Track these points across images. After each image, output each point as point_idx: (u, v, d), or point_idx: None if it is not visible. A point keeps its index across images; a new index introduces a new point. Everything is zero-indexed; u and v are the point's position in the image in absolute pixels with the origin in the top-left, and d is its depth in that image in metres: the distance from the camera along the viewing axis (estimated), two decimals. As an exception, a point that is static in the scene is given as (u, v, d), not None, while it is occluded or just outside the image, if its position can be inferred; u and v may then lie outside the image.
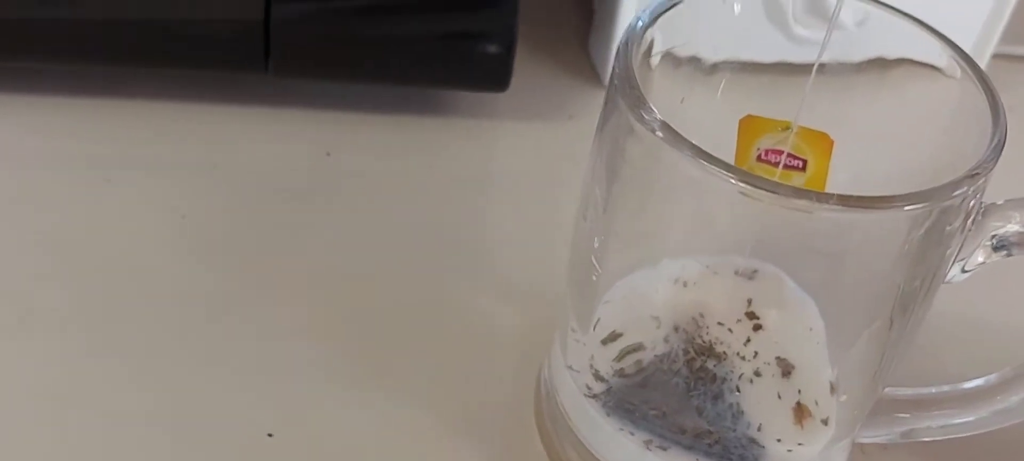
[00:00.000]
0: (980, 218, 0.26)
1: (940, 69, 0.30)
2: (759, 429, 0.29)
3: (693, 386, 0.29)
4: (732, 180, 0.24)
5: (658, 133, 0.24)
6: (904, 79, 0.30)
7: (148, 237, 0.37)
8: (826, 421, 0.29)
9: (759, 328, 0.30)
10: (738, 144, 0.30)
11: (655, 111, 0.24)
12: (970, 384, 0.30)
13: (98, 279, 0.35)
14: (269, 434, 0.31)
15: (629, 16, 0.43)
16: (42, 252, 0.36)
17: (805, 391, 0.29)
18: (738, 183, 0.24)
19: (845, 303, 0.29)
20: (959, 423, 0.30)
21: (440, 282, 0.37)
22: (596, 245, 0.28)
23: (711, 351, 0.29)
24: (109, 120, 0.41)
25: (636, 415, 0.29)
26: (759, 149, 0.30)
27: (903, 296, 0.27)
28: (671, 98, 0.28)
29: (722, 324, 0.30)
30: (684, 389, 0.29)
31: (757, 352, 0.29)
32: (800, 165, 0.30)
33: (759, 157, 0.30)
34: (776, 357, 0.30)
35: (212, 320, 0.34)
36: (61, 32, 0.39)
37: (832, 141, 0.30)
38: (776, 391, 0.29)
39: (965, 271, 0.28)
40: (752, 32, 0.31)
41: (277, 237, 0.37)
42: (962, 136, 0.27)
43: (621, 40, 0.26)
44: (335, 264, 0.37)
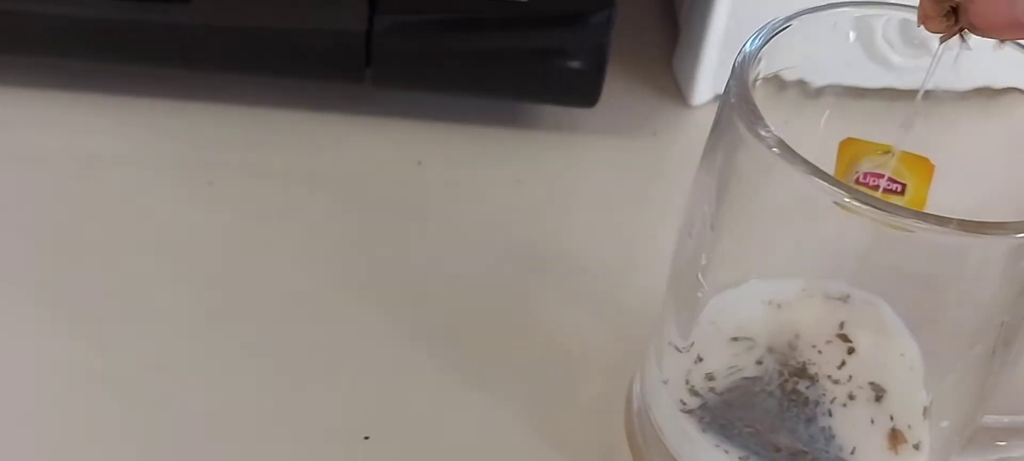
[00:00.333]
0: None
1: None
2: (852, 452, 0.29)
3: (786, 408, 0.29)
4: (847, 198, 0.24)
5: (775, 150, 0.24)
6: (1010, 108, 0.30)
7: (247, 240, 0.38)
8: (918, 446, 0.29)
9: (852, 352, 0.30)
10: (837, 166, 0.30)
11: (771, 128, 0.25)
12: (1068, 415, 0.30)
13: (199, 281, 0.36)
14: (366, 437, 0.32)
15: (716, 37, 0.44)
16: (145, 253, 0.37)
17: (897, 416, 0.29)
18: (852, 202, 0.24)
19: (943, 330, 0.29)
20: (1054, 453, 0.30)
21: (526, 293, 0.37)
22: (703, 262, 0.28)
23: (804, 373, 0.30)
24: (212, 125, 0.42)
25: (731, 431, 0.29)
26: (858, 172, 0.30)
27: (1007, 326, 0.27)
28: (774, 120, 0.28)
29: (815, 347, 0.30)
30: (777, 410, 0.29)
31: (850, 376, 0.30)
32: (899, 189, 0.30)
33: (858, 180, 0.30)
34: (869, 382, 0.30)
35: (309, 323, 0.35)
36: (168, 38, 0.40)
37: (933, 166, 0.30)
38: (869, 415, 0.29)
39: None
40: (858, 58, 0.31)
41: (370, 244, 0.38)
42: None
43: (736, 59, 0.26)
44: (426, 271, 0.37)
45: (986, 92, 0.30)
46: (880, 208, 0.24)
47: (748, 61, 0.26)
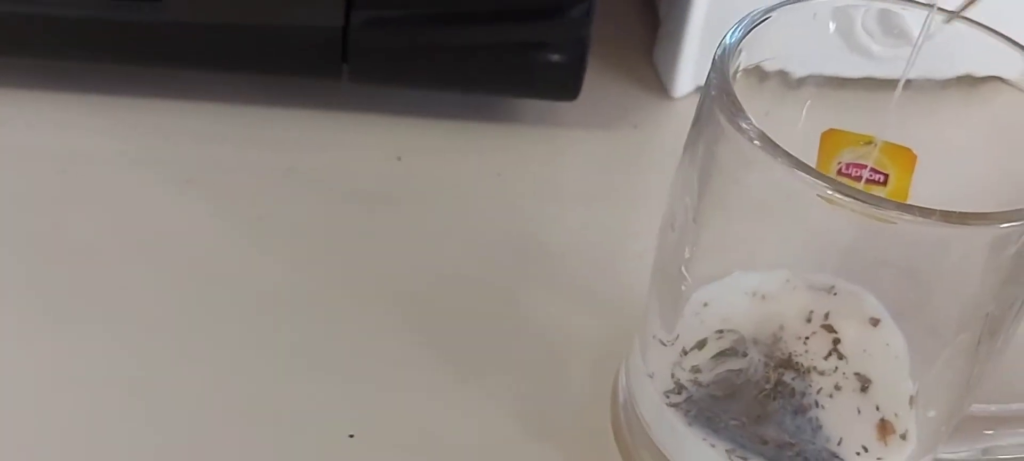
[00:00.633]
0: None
1: (1019, 84, 0.30)
2: (839, 443, 0.29)
3: (772, 400, 0.29)
4: (829, 190, 0.24)
5: (756, 142, 0.24)
6: (991, 96, 0.30)
7: (226, 237, 0.37)
8: (905, 436, 0.29)
9: (837, 342, 0.30)
10: (819, 157, 0.30)
11: (752, 120, 0.25)
12: (1053, 402, 0.30)
13: (177, 278, 0.36)
14: (350, 435, 0.32)
15: (697, 28, 0.44)
16: (123, 251, 0.36)
17: (884, 406, 0.29)
18: (835, 194, 0.24)
19: (930, 320, 0.29)
20: (1041, 441, 0.30)
21: (509, 287, 0.37)
22: (687, 255, 0.28)
23: (790, 365, 0.29)
24: (188, 122, 0.41)
25: (718, 424, 0.29)
26: (840, 163, 0.30)
27: (992, 316, 0.27)
28: (756, 111, 0.28)
29: (800, 338, 0.30)
30: (763, 402, 0.29)
31: (836, 367, 0.29)
32: (882, 180, 0.30)
33: (840, 171, 0.30)
34: (855, 372, 0.30)
35: (290, 320, 0.35)
36: (143, 35, 0.39)
37: (915, 156, 0.30)
38: (855, 406, 0.29)
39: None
40: (838, 48, 0.31)
41: (351, 240, 0.38)
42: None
43: (716, 51, 0.26)
44: (406, 267, 0.37)
45: (967, 80, 0.30)
46: (863, 200, 0.24)
47: (728, 53, 0.26)
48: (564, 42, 0.40)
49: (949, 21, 0.28)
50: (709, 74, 0.26)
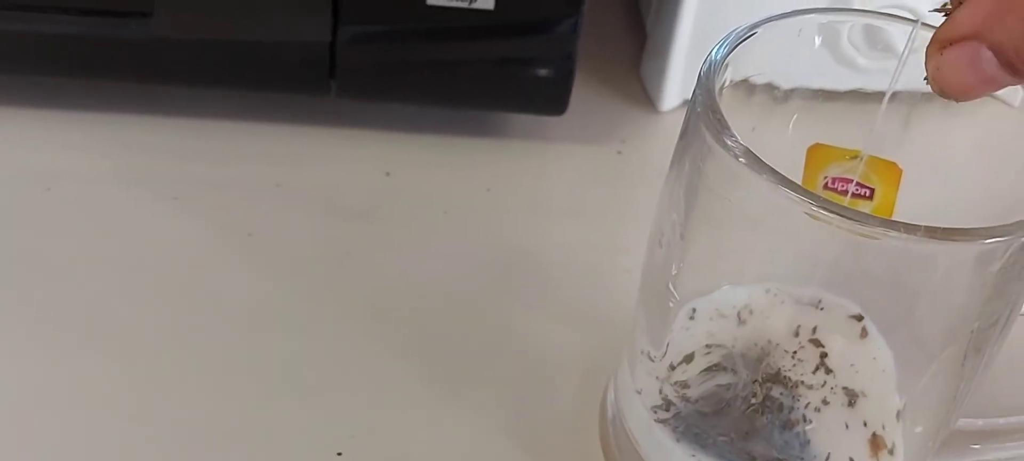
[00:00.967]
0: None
1: (1003, 98, 0.30)
2: (827, 458, 0.29)
3: (760, 415, 0.29)
4: (814, 207, 0.24)
5: (741, 159, 0.24)
6: (975, 109, 0.30)
7: (215, 254, 0.37)
8: (892, 450, 0.29)
9: (825, 357, 0.30)
10: (805, 172, 0.30)
11: (738, 137, 0.25)
12: (1039, 416, 0.30)
13: (165, 296, 0.36)
14: (338, 453, 0.31)
15: (683, 42, 0.44)
16: (110, 269, 0.36)
17: (871, 420, 0.29)
18: (820, 211, 0.24)
19: (916, 335, 0.29)
20: (1028, 455, 0.30)
21: (498, 303, 0.37)
22: (674, 271, 0.28)
23: (777, 379, 0.30)
24: (175, 139, 0.41)
25: (706, 440, 0.29)
26: (827, 177, 0.30)
27: (977, 331, 0.27)
28: (742, 127, 0.28)
29: (788, 353, 0.30)
30: (751, 417, 0.29)
31: (824, 381, 0.30)
32: (868, 194, 0.30)
33: (826, 185, 0.30)
34: (842, 387, 0.30)
35: (278, 338, 0.35)
36: (130, 51, 0.39)
37: (901, 171, 0.30)
38: (843, 420, 0.29)
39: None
40: (824, 61, 0.31)
41: (339, 255, 0.38)
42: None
43: (701, 67, 0.26)
44: (395, 283, 0.37)
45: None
46: (847, 216, 0.24)
47: (714, 69, 0.26)
48: (552, 57, 0.40)
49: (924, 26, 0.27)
50: (695, 90, 0.26)
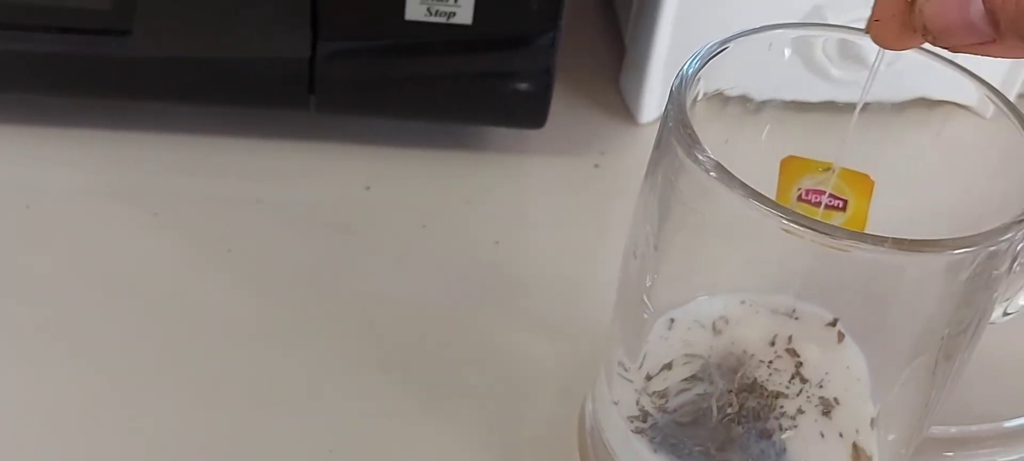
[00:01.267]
0: (1024, 261, 0.27)
1: (973, 108, 0.30)
2: (803, 467, 0.29)
3: (736, 425, 0.29)
4: (784, 221, 0.24)
5: (712, 173, 0.25)
6: (945, 120, 0.30)
7: (195, 269, 0.37)
8: (871, 459, 0.30)
9: (800, 366, 0.30)
10: (779, 184, 0.30)
11: (708, 151, 0.25)
12: (1012, 423, 0.30)
13: (146, 311, 0.36)
14: (317, 467, 0.32)
15: (661, 55, 0.44)
16: (90, 285, 0.36)
17: (846, 428, 0.30)
18: (790, 224, 0.24)
19: (888, 343, 0.29)
20: (1001, 462, 0.30)
21: (477, 315, 0.37)
22: (648, 283, 0.28)
23: (753, 389, 0.30)
24: (156, 155, 0.41)
25: (682, 451, 0.29)
26: (800, 189, 0.31)
27: (948, 339, 0.27)
28: (715, 139, 0.28)
29: (764, 363, 0.30)
30: (728, 427, 0.29)
31: (800, 390, 0.30)
32: (841, 205, 0.31)
33: (800, 197, 0.31)
34: (818, 395, 0.30)
35: (259, 353, 0.35)
36: (110, 68, 0.39)
37: (873, 182, 0.30)
38: (819, 429, 0.30)
39: (1007, 314, 0.28)
40: (797, 74, 0.31)
41: (319, 270, 0.38)
42: (1003, 179, 0.28)
43: (673, 82, 0.27)
44: (375, 297, 0.37)
45: (924, 103, 0.31)
46: (818, 230, 0.24)
47: (685, 84, 0.26)
48: (530, 71, 0.40)
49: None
50: (666, 105, 0.26)
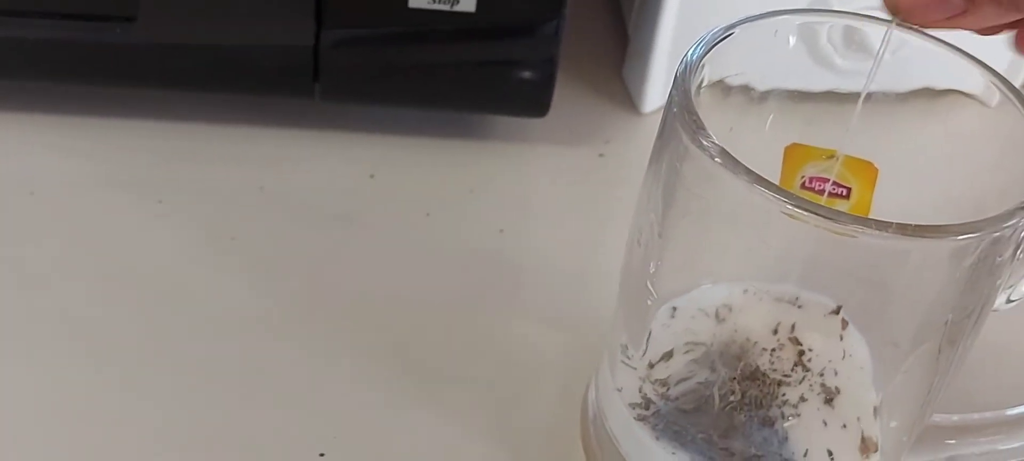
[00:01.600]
0: (1030, 248, 0.27)
1: (978, 97, 0.30)
2: (805, 454, 0.29)
3: (739, 412, 0.29)
4: (789, 206, 0.24)
5: (717, 159, 0.25)
6: (950, 109, 0.30)
7: (199, 257, 0.37)
8: (876, 448, 0.30)
9: (803, 354, 0.30)
10: (783, 171, 0.30)
11: (713, 137, 0.25)
12: (1014, 411, 0.30)
13: (149, 299, 0.36)
14: (321, 454, 0.32)
15: (665, 44, 0.44)
16: (94, 272, 0.36)
17: (848, 416, 0.30)
18: (795, 209, 0.24)
19: (891, 330, 0.29)
20: (1003, 450, 0.30)
21: (481, 303, 0.37)
22: (652, 270, 0.28)
23: (756, 377, 0.30)
24: (159, 142, 0.41)
25: (685, 438, 0.29)
26: (804, 177, 0.31)
27: (951, 325, 0.27)
28: (719, 127, 0.28)
29: (767, 350, 0.30)
30: (730, 415, 0.29)
31: (802, 378, 0.30)
32: (844, 193, 0.30)
33: (803, 184, 0.31)
34: (820, 383, 0.30)
35: (262, 340, 0.35)
36: (114, 56, 0.39)
37: (877, 170, 0.30)
38: (821, 417, 0.30)
39: (1010, 301, 0.28)
40: (801, 62, 0.31)
41: (323, 258, 0.38)
42: (1007, 167, 0.28)
43: (678, 68, 0.27)
44: (379, 285, 0.37)
45: (927, 93, 0.31)
46: (822, 215, 0.24)
47: (690, 70, 0.26)
48: (534, 59, 0.40)
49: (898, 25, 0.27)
50: (671, 91, 0.26)
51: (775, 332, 0.30)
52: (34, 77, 0.41)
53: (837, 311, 0.30)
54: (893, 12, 0.24)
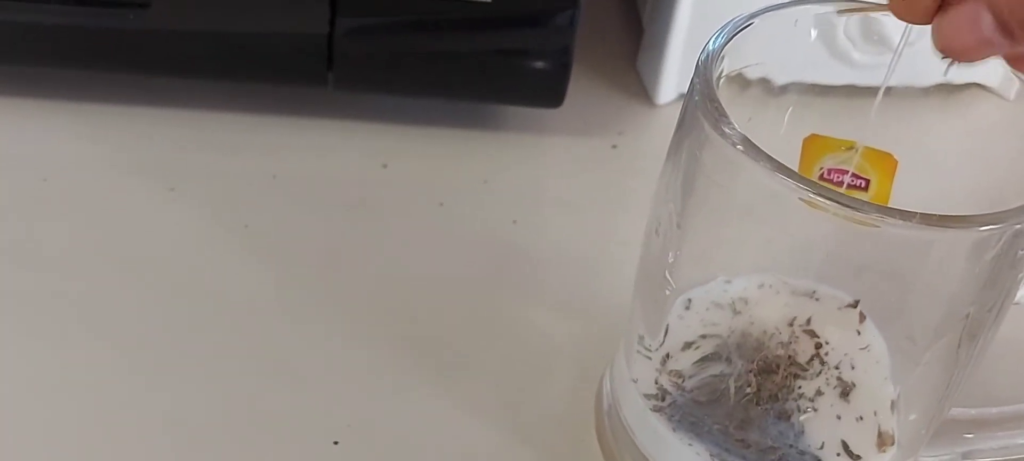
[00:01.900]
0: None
1: (996, 90, 0.30)
2: (821, 447, 0.29)
3: (755, 404, 0.29)
4: (811, 194, 0.24)
5: (739, 147, 0.24)
6: (968, 103, 0.30)
7: (211, 245, 0.37)
8: (893, 441, 0.30)
9: (820, 347, 0.30)
10: (801, 163, 0.30)
11: (735, 125, 0.25)
12: (1032, 405, 0.30)
13: (161, 286, 0.36)
14: (334, 442, 0.32)
15: (680, 36, 0.44)
16: (107, 259, 0.36)
17: (865, 410, 0.30)
18: (816, 197, 0.24)
19: (911, 324, 0.29)
20: (1021, 443, 0.30)
21: (494, 294, 0.37)
22: (670, 260, 0.28)
23: (772, 369, 0.30)
24: (173, 130, 0.41)
25: (701, 429, 0.29)
26: (822, 168, 0.31)
27: (972, 319, 0.27)
28: (738, 118, 0.28)
29: (783, 343, 0.30)
30: (746, 407, 0.29)
31: (819, 371, 0.30)
32: (863, 185, 0.30)
33: (822, 176, 0.30)
34: (837, 377, 0.30)
35: (275, 328, 0.35)
36: (128, 42, 0.39)
37: (896, 161, 0.30)
38: (837, 410, 0.29)
39: (1031, 295, 0.28)
40: (820, 55, 0.31)
41: (336, 247, 0.38)
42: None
43: (699, 57, 0.27)
44: (392, 275, 0.37)
45: (946, 88, 0.30)
46: (844, 203, 0.24)
47: (711, 59, 0.26)
48: (548, 49, 0.40)
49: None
50: (692, 79, 0.26)
51: (791, 325, 0.30)
52: (47, 63, 0.41)
53: (855, 305, 0.30)
54: (945, 54, 0.24)
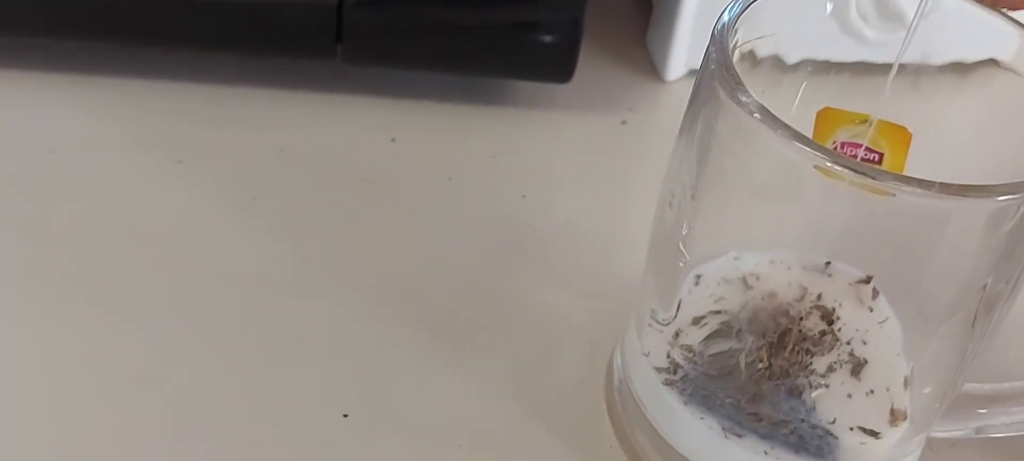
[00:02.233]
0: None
1: (1010, 65, 0.29)
2: (833, 421, 0.29)
3: (767, 379, 0.29)
4: (829, 162, 0.24)
5: (755, 114, 0.24)
6: (983, 79, 0.30)
7: (219, 219, 0.37)
8: (904, 416, 0.29)
9: (832, 322, 0.30)
10: (814, 136, 0.30)
11: (752, 94, 0.25)
12: (1045, 381, 0.30)
13: (169, 260, 0.35)
14: (344, 415, 0.31)
15: (689, 12, 0.44)
16: (115, 233, 0.36)
17: (877, 385, 0.29)
18: (834, 166, 0.24)
19: (925, 299, 0.29)
20: (1033, 420, 0.30)
21: (504, 268, 0.37)
22: (684, 232, 0.28)
23: (784, 344, 0.30)
24: (180, 103, 0.41)
25: (713, 403, 0.29)
26: (836, 141, 0.30)
27: (988, 293, 0.27)
28: (751, 91, 0.28)
29: (795, 317, 0.30)
30: (758, 381, 0.29)
31: (831, 346, 0.30)
32: (877, 159, 0.30)
33: (836, 149, 0.30)
34: (848, 352, 0.30)
35: (283, 303, 0.35)
36: (135, 14, 0.39)
37: (910, 134, 0.30)
38: (850, 386, 0.29)
39: (1046, 269, 0.28)
40: (832, 31, 0.31)
41: (344, 221, 0.38)
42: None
43: (715, 27, 0.26)
44: (400, 250, 0.37)
45: (960, 66, 0.30)
46: (861, 172, 0.23)
47: (727, 29, 0.26)
48: (558, 24, 0.40)
49: None
50: (708, 48, 0.26)
51: (802, 300, 0.30)
52: (53, 36, 0.41)
53: (867, 280, 0.30)
54: None
